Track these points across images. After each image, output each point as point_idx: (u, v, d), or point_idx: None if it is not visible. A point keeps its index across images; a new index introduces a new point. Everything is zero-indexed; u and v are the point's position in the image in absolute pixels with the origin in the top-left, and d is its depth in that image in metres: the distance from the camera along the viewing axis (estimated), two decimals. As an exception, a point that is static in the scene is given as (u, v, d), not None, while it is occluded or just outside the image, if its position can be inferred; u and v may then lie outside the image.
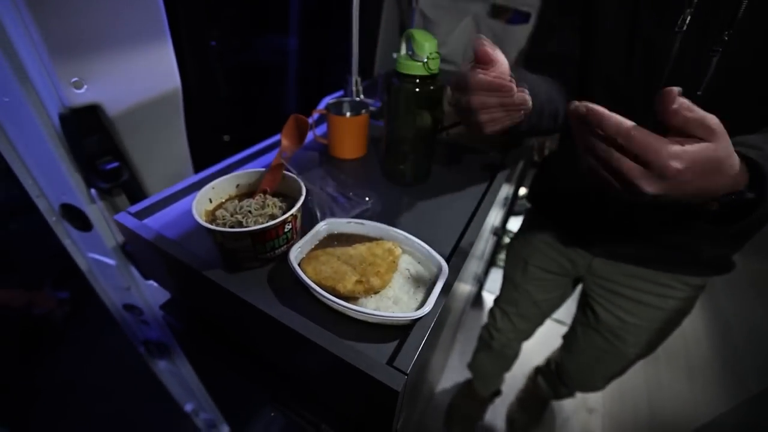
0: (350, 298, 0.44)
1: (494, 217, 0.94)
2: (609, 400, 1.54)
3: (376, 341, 0.42)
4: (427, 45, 0.57)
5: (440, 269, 0.46)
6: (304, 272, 0.46)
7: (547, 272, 0.99)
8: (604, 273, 0.86)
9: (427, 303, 0.42)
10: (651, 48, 0.60)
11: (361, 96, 1.00)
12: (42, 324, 1.59)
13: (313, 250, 0.51)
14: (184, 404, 1.39)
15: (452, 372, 1.65)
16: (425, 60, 0.57)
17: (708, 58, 0.54)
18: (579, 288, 1.03)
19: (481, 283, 1.94)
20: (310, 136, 0.86)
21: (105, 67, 0.56)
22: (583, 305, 0.99)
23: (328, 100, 0.81)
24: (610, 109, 0.38)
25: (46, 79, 0.52)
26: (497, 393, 1.52)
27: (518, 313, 1.11)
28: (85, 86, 0.54)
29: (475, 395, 1.49)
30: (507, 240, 1.93)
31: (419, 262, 0.50)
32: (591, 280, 0.91)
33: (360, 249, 0.49)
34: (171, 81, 0.67)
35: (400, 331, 0.43)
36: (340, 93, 1.06)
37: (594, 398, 1.56)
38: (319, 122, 0.95)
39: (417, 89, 0.60)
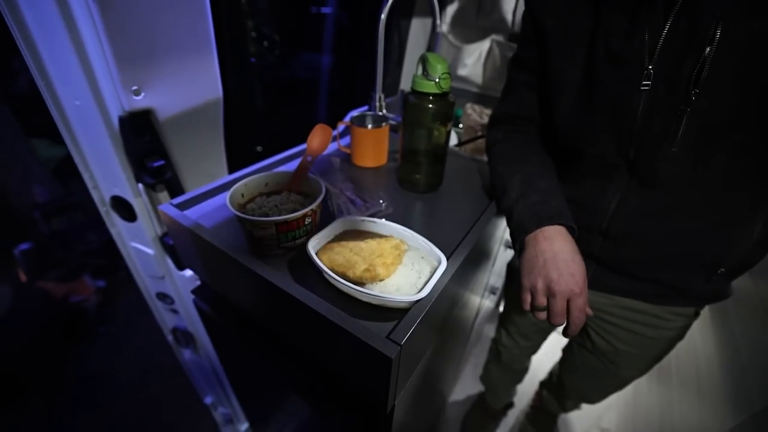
0: (358, 283, 0.50)
1: (504, 229, 0.98)
2: (622, 420, 1.53)
3: (379, 320, 0.47)
4: (439, 66, 0.63)
5: (439, 262, 0.52)
6: (320, 260, 0.52)
7: None
8: (596, 303, 0.85)
9: (424, 289, 0.47)
10: (615, 105, 0.57)
11: (384, 111, 1.07)
12: (76, 313, 1.70)
13: (329, 242, 0.58)
14: (204, 397, 1.46)
15: (466, 384, 1.67)
16: (437, 80, 0.64)
17: (678, 117, 0.52)
18: None
19: (499, 298, 1.96)
20: (334, 145, 0.93)
21: (160, 77, 0.65)
22: None
23: (353, 113, 0.88)
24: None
25: (111, 87, 0.62)
26: (509, 405, 1.53)
27: (519, 332, 1.12)
28: (143, 93, 0.63)
29: (487, 408, 1.50)
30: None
31: (422, 258, 0.56)
32: None
33: (370, 243, 0.55)
34: (215, 91, 0.76)
35: (400, 313, 0.48)
36: (366, 108, 1.14)
37: (607, 417, 1.55)
38: (344, 134, 1.02)
39: (430, 105, 0.67)
